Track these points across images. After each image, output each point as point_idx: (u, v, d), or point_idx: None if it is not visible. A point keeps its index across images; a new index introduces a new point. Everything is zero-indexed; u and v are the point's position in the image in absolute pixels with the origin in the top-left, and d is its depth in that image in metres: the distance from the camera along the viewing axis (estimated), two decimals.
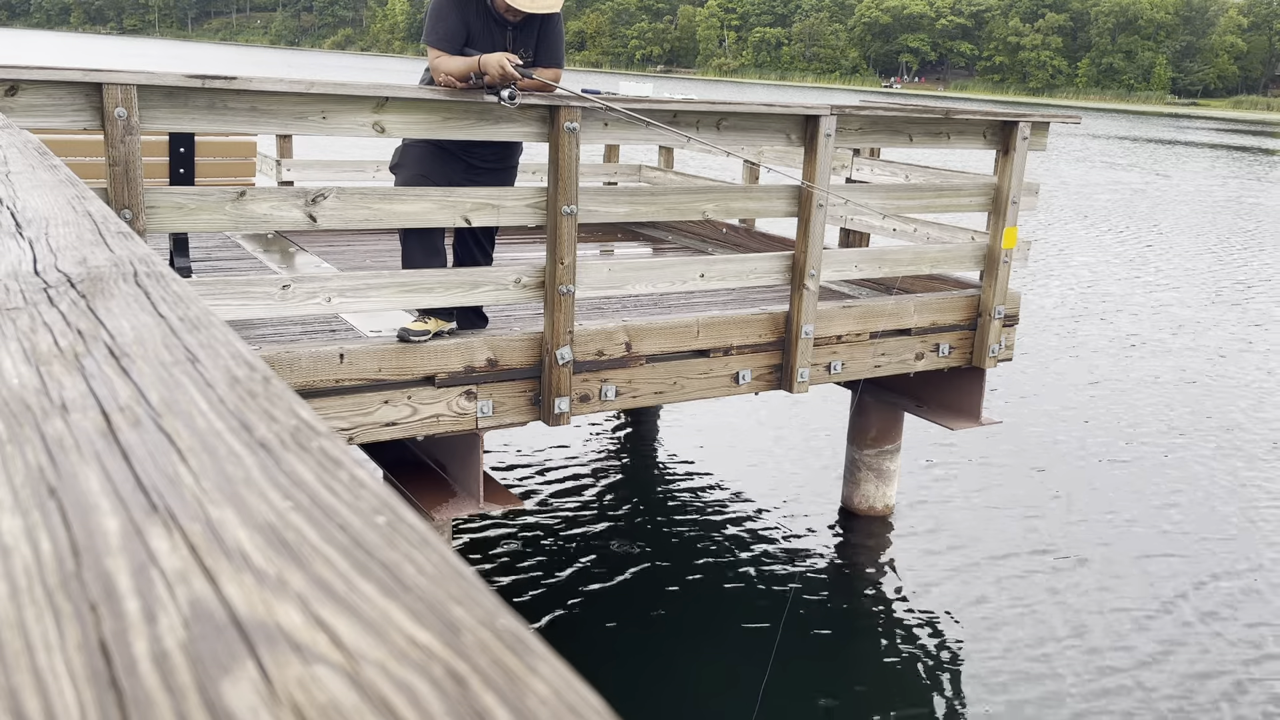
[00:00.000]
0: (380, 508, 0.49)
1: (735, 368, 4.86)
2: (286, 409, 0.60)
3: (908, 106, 5.35)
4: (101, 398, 0.61)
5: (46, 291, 0.85)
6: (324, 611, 0.40)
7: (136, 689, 0.36)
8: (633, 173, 8.24)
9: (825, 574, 5.67)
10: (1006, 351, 5.78)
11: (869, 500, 6.30)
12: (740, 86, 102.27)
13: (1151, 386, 9.33)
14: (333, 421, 3.91)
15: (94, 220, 1.16)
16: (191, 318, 0.77)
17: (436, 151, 4.21)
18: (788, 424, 7.90)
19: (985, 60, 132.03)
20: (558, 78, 4.21)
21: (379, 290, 3.98)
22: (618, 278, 4.49)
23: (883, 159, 6.57)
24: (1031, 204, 5.68)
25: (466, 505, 4.31)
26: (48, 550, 0.44)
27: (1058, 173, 28.77)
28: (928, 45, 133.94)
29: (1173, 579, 5.75)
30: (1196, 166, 35.90)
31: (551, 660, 0.38)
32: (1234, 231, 19.91)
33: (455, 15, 4.06)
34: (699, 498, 6.55)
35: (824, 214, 4.87)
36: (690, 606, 5.23)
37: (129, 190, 3.45)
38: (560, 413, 4.33)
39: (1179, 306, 12.73)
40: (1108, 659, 4.94)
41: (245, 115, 3.67)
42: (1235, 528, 6.45)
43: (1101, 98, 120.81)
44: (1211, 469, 7.43)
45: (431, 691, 0.36)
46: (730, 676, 4.66)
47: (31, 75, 3.30)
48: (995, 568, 5.77)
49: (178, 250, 4.82)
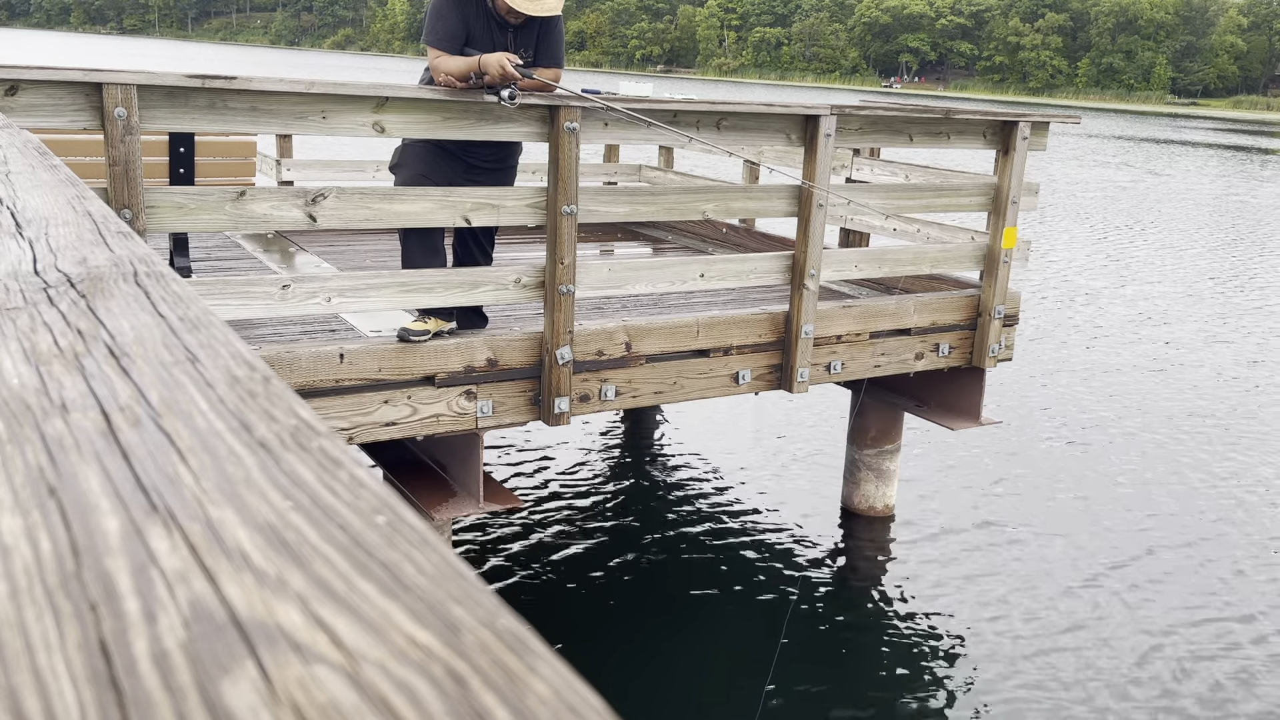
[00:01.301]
0: (380, 508, 0.49)
1: (735, 368, 4.86)
2: (286, 409, 0.60)
3: (908, 106, 5.35)
4: (101, 398, 0.61)
5: (46, 291, 0.85)
6: (324, 611, 0.40)
7: (136, 689, 0.36)
8: (633, 173, 8.24)
9: (825, 574, 5.67)
10: (1006, 351, 5.78)
11: (869, 500, 6.30)
12: (740, 86, 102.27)
13: (1152, 385, 9.33)
14: (333, 421, 3.91)
15: (94, 220, 1.16)
16: (191, 318, 0.77)
17: (436, 151, 4.21)
18: (788, 424, 7.90)
19: (985, 60, 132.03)
20: (558, 78, 4.21)
21: (379, 290, 3.98)
22: (618, 278, 4.49)
23: (883, 159, 6.57)
24: (1031, 204, 5.68)
25: (466, 505, 4.31)
26: (48, 550, 0.44)
27: (1058, 172, 28.77)
28: (928, 45, 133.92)
29: (1173, 578, 5.75)
30: (1195, 166, 35.90)
31: (551, 660, 0.38)
32: (1234, 231, 19.92)
33: (455, 15, 4.06)
34: (699, 498, 6.55)
35: (824, 214, 4.87)
36: (690, 606, 5.23)
37: (129, 190, 3.45)
38: (560, 412, 4.33)
39: (1179, 306, 12.74)
40: (1109, 658, 4.94)
41: (245, 115, 3.67)
42: (1236, 525, 6.45)
43: (1101, 98, 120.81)
44: (1212, 467, 7.42)
45: (431, 691, 0.36)
46: (730, 677, 4.66)
47: (31, 75, 3.30)
48: (995, 568, 5.77)
49: (178, 250, 4.82)
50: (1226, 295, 13.68)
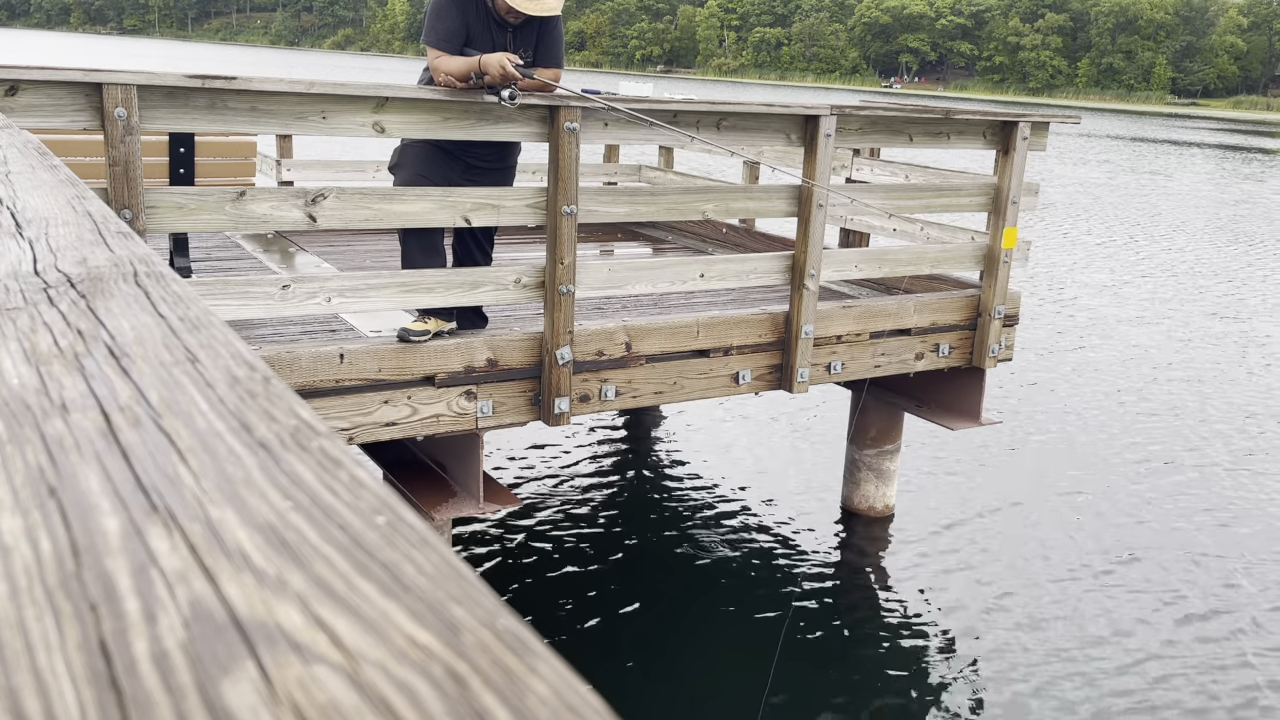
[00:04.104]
0: (380, 508, 0.49)
1: (735, 368, 4.86)
2: (286, 409, 0.60)
3: (908, 106, 5.35)
4: (101, 398, 0.61)
5: (46, 291, 0.85)
6: (324, 611, 0.40)
7: (136, 689, 0.36)
8: (633, 173, 8.24)
9: (825, 574, 5.67)
10: (1006, 351, 5.78)
11: (869, 500, 6.30)
12: (740, 86, 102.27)
13: (1152, 385, 9.33)
14: (333, 421, 3.91)
15: (94, 220, 1.16)
16: (191, 318, 0.77)
17: (435, 152, 4.21)
18: (788, 424, 7.90)
19: (985, 60, 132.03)
20: (558, 78, 4.21)
21: (379, 290, 3.98)
22: (618, 278, 4.49)
23: (883, 159, 6.57)
24: (1031, 204, 5.68)
25: (466, 505, 4.31)
26: (48, 550, 0.44)
27: (1058, 172, 28.77)
28: (928, 45, 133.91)
29: (1173, 577, 5.75)
30: (1196, 166, 35.90)
31: (552, 660, 0.38)
32: (1234, 230, 19.92)
33: (455, 15, 4.05)
34: (699, 498, 6.55)
35: (824, 214, 4.87)
36: (690, 606, 5.23)
37: (129, 190, 3.45)
38: (560, 413, 4.33)
39: (1180, 306, 12.74)
40: (1109, 657, 4.94)
41: (245, 115, 3.67)
42: (1236, 524, 6.45)
43: (1101, 98, 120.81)
44: (1212, 466, 7.42)
45: (431, 691, 0.36)
46: (730, 676, 4.66)
47: (31, 75, 3.30)
48: (995, 568, 5.77)
49: (178, 250, 4.82)
50: (1227, 295, 13.68)
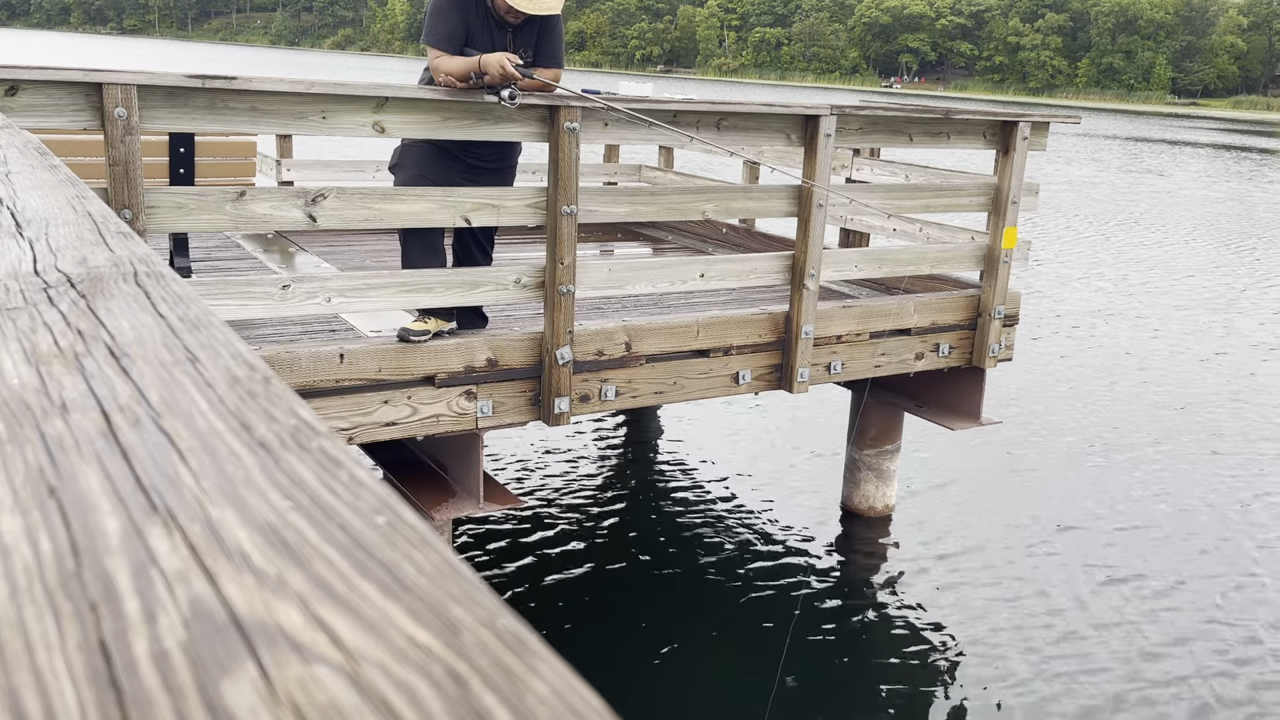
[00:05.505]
0: (380, 508, 0.49)
1: (735, 368, 4.86)
2: (286, 409, 0.60)
3: (908, 106, 5.35)
4: (101, 398, 0.61)
5: (46, 291, 0.85)
6: (324, 611, 0.40)
7: (136, 689, 0.36)
8: (633, 173, 8.24)
9: (825, 574, 5.66)
10: (1006, 351, 5.78)
11: (869, 500, 6.30)
12: (740, 86, 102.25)
13: (1152, 385, 9.33)
14: (333, 421, 3.91)
15: (94, 220, 1.16)
16: (191, 318, 0.77)
17: (435, 151, 4.21)
18: (788, 424, 7.90)
19: (985, 60, 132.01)
20: (558, 78, 4.21)
21: (379, 290, 3.98)
22: (618, 278, 4.49)
23: (883, 159, 6.57)
24: (1031, 204, 5.68)
25: (466, 505, 4.31)
26: (48, 550, 0.44)
27: (1059, 173, 28.77)
28: (928, 45, 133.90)
29: (1173, 578, 5.75)
30: (1196, 166, 35.90)
31: (552, 660, 0.38)
32: (1234, 230, 19.91)
33: (455, 15, 4.05)
34: (699, 498, 6.55)
35: (824, 214, 4.87)
36: (691, 606, 5.23)
37: (129, 190, 3.45)
38: (560, 413, 4.33)
39: (1180, 305, 12.74)
40: (1109, 658, 4.94)
41: (245, 115, 3.67)
42: (1236, 524, 6.45)
43: (1101, 98, 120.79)
44: (1213, 466, 7.42)
45: (431, 691, 0.36)
46: (730, 677, 4.66)
47: (31, 75, 3.30)
48: (995, 568, 5.77)
49: (178, 250, 4.82)
50: (1227, 295, 13.67)
